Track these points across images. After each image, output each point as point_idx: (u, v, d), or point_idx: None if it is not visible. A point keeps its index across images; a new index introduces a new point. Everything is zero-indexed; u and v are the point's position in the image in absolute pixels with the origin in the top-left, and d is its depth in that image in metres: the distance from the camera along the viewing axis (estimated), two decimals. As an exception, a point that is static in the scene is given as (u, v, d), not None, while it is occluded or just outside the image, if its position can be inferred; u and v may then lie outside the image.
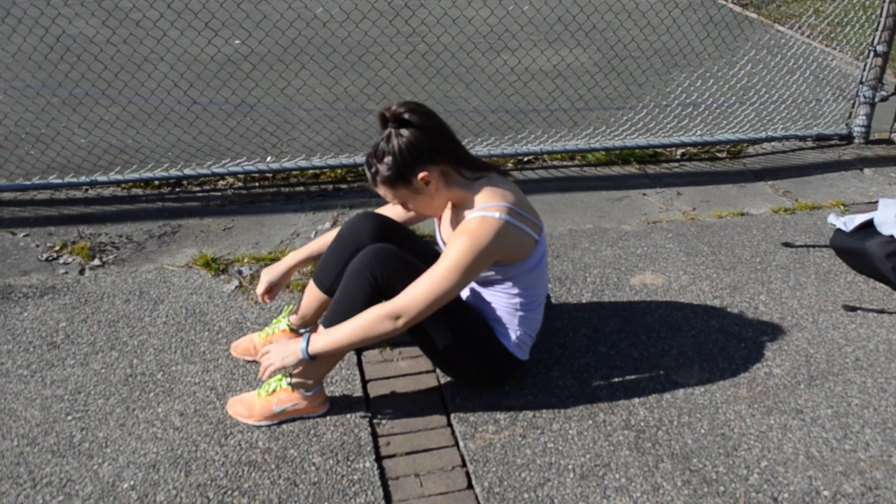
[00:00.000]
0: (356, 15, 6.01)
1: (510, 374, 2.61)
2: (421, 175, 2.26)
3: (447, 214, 2.51)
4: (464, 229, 2.25)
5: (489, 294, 2.48)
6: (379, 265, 2.32)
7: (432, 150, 2.25)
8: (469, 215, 2.30)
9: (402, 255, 2.37)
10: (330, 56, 5.60)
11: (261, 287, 2.65)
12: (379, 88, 5.03)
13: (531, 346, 2.60)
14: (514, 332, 2.50)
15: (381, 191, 2.32)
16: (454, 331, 2.42)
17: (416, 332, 2.42)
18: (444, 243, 2.54)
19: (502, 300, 2.46)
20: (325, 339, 2.28)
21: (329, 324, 2.36)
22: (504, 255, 2.32)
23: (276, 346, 2.36)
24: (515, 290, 2.44)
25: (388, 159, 2.24)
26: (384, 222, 2.56)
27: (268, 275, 2.65)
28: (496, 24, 5.91)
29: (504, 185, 2.36)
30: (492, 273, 2.41)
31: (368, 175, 2.30)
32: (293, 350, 2.31)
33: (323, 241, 2.66)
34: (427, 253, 2.63)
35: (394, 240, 2.53)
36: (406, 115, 2.23)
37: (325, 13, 6.28)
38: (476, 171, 2.36)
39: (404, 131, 2.23)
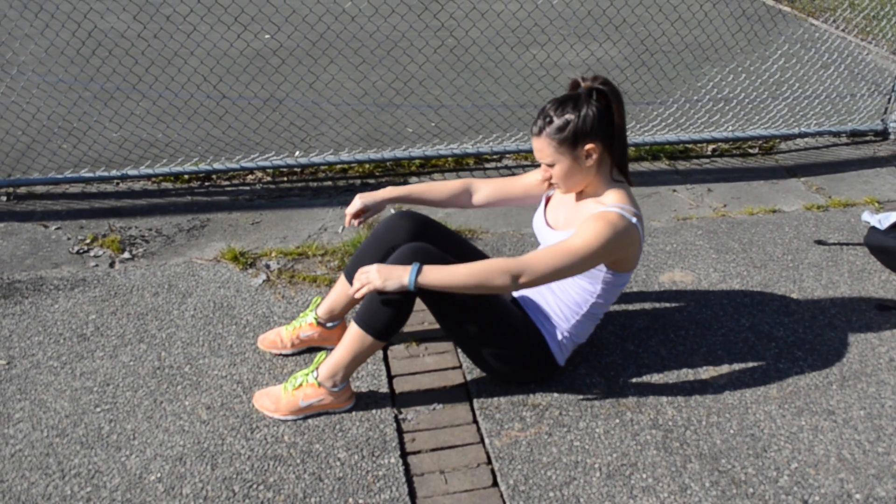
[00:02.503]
0: (385, 9, 6.01)
1: (545, 377, 2.59)
2: (588, 146, 2.27)
3: (562, 199, 2.51)
4: (601, 216, 2.26)
5: (566, 284, 2.45)
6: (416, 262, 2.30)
7: (610, 131, 2.28)
8: (602, 207, 2.30)
9: (439, 253, 2.35)
10: (358, 51, 5.60)
11: (353, 207, 2.55)
12: (407, 83, 5.02)
13: (570, 354, 2.59)
14: (560, 333, 2.49)
15: (541, 142, 2.29)
16: (500, 326, 2.41)
17: (454, 325, 2.41)
18: (548, 223, 2.52)
19: (573, 296, 2.45)
20: (438, 273, 2.22)
21: (360, 320, 2.34)
22: (619, 257, 2.33)
23: (378, 265, 2.26)
24: (592, 294, 2.43)
25: (569, 116, 2.24)
26: (421, 221, 2.56)
27: (363, 198, 2.55)
28: (525, 18, 5.88)
29: (633, 199, 2.37)
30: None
31: (538, 123, 2.29)
32: (399, 274, 2.23)
33: (424, 186, 2.61)
34: (464, 252, 2.61)
35: (430, 239, 2.52)
36: (603, 89, 2.25)
37: (354, 7, 6.28)
38: (621, 174, 2.39)
39: (595, 102, 2.25)
